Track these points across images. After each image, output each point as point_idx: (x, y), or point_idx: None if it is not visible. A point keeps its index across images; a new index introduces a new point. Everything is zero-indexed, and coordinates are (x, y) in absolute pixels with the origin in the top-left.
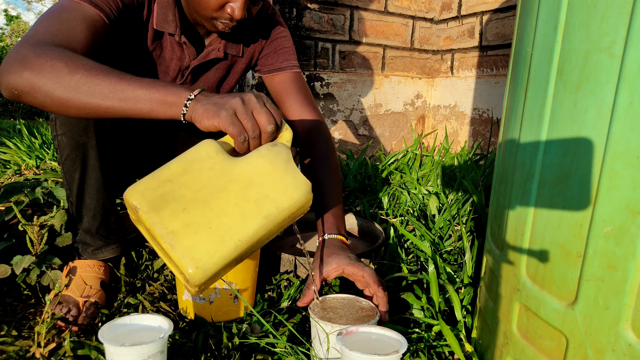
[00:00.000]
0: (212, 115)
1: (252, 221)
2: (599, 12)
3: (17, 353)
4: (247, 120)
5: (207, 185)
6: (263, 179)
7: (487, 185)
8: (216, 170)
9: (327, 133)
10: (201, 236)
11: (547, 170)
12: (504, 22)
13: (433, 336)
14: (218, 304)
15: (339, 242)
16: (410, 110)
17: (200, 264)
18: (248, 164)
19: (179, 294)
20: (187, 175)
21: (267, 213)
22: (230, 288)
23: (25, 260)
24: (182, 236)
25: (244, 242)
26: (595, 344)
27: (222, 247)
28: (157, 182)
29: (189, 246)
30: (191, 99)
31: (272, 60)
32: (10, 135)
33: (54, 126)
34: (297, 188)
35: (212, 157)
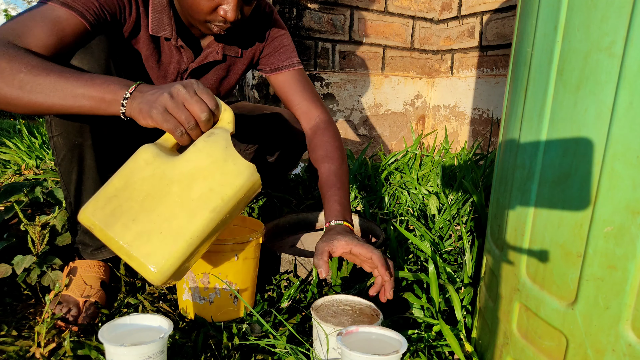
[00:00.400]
0: (146, 115)
1: (200, 217)
2: (599, 12)
3: (17, 353)
4: (179, 113)
5: (150, 193)
6: (203, 173)
7: (487, 185)
8: (156, 175)
9: (334, 126)
10: (154, 243)
11: (547, 170)
12: (504, 22)
13: (433, 336)
14: (218, 304)
15: (345, 227)
16: (410, 110)
17: (157, 268)
18: (187, 161)
19: (179, 294)
20: (130, 187)
21: (213, 206)
22: (230, 288)
23: (26, 261)
24: (137, 246)
25: (195, 239)
26: (595, 344)
27: (175, 248)
28: (103, 200)
29: (145, 254)
30: (127, 97)
31: (273, 59)
32: (10, 135)
33: (50, 127)
34: (239, 174)
35: (150, 164)
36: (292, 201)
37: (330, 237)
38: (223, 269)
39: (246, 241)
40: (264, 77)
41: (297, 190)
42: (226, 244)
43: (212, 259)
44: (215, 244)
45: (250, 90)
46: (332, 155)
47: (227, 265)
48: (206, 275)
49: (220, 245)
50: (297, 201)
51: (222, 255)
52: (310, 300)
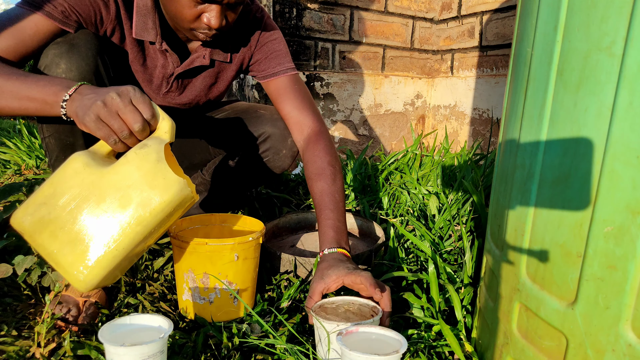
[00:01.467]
0: (80, 121)
1: (127, 230)
2: (599, 12)
3: (17, 353)
4: (112, 122)
5: (78, 203)
6: (132, 186)
7: (487, 185)
8: (85, 185)
9: (326, 137)
10: (79, 252)
11: (547, 170)
12: (504, 22)
13: (433, 336)
14: (218, 304)
15: (338, 255)
16: (410, 110)
17: (81, 277)
18: (116, 173)
19: (179, 294)
20: (58, 195)
21: (140, 219)
22: (229, 289)
23: (27, 261)
24: (63, 255)
25: (121, 250)
26: (595, 344)
27: (100, 259)
28: (33, 206)
29: (70, 262)
30: (66, 99)
31: (264, 66)
32: (10, 135)
33: (41, 129)
34: (168, 189)
35: (79, 173)
36: (292, 201)
37: (322, 273)
38: (223, 269)
39: (246, 241)
40: None
41: (297, 190)
42: (226, 244)
43: (212, 258)
44: (215, 244)
45: (251, 90)
46: (324, 172)
47: (227, 265)
48: (206, 275)
49: (220, 245)
50: (297, 201)
51: (223, 255)
52: None
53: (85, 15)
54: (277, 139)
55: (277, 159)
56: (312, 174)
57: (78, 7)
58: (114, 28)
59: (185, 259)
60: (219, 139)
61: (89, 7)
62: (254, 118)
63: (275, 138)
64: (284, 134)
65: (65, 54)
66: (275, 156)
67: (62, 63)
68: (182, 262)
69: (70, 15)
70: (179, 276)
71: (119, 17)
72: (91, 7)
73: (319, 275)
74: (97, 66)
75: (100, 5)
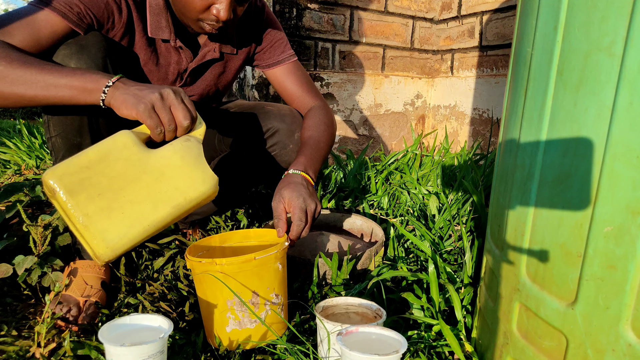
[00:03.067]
0: (131, 106)
1: (162, 210)
2: (599, 12)
3: (17, 353)
4: (164, 114)
5: (122, 174)
6: (174, 171)
7: (487, 185)
8: (131, 160)
9: (327, 110)
10: (113, 220)
11: (547, 170)
12: (504, 22)
13: (433, 336)
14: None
15: (300, 178)
16: (410, 110)
17: (110, 245)
18: (162, 157)
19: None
20: (103, 163)
21: (175, 203)
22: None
23: (27, 261)
24: (96, 219)
25: (152, 227)
26: (595, 344)
27: (131, 230)
28: (75, 167)
29: (102, 229)
30: (109, 85)
31: (269, 54)
32: (10, 135)
33: (48, 128)
34: (205, 182)
35: (128, 148)
36: None
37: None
38: (270, 282)
39: (284, 247)
40: (263, 77)
41: None
42: (271, 254)
43: (260, 273)
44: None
45: (251, 90)
46: (317, 127)
47: (272, 277)
48: (255, 294)
49: (266, 257)
50: None
51: (269, 266)
52: (310, 300)
53: (99, 17)
54: (285, 133)
55: (284, 153)
56: (307, 126)
57: (93, 9)
58: (124, 32)
59: (229, 284)
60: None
61: (103, 11)
62: (261, 114)
63: (282, 133)
64: (291, 129)
65: (75, 54)
66: (282, 151)
67: (71, 63)
68: (225, 288)
69: (85, 17)
70: (218, 307)
71: (131, 21)
72: (105, 10)
73: (278, 194)
74: (105, 67)
75: (114, 9)
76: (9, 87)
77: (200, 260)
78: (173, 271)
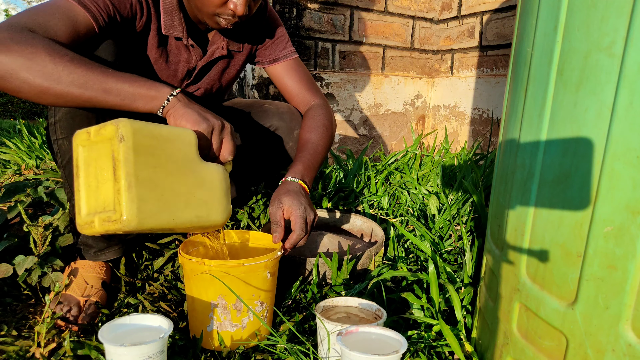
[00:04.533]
0: (193, 121)
1: (188, 212)
2: (599, 12)
3: (17, 353)
4: (216, 142)
5: (177, 162)
6: (211, 188)
7: (487, 185)
8: (188, 157)
9: (327, 109)
10: (152, 195)
11: (547, 170)
12: (504, 22)
13: (433, 336)
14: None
15: (297, 186)
16: (410, 110)
17: (140, 215)
18: (208, 170)
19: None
20: (170, 144)
21: (199, 214)
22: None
23: (27, 261)
24: (141, 186)
25: (173, 223)
26: (595, 344)
27: (161, 215)
28: (148, 131)
29: (142, 197)
30: (174, 95)
31: (270, 50)
32: (10, 135)
33: (54, 130)
34: (224, 211)
35: (191, 146)
36: None
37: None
38: (256, 289)
39: (276, 256)
40: (264, 77)
41: None
42: (260, 262)
43: (247, 279)
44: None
45: (250, 90)
46: (317, 129)
47: (260, 284)
48: (239, 300)
49: (256, 264)
50: None
51: (257, 274)
52: (310, 300)
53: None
54: (284, 131)
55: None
56: (306, 127)
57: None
58: (142, 30)
59: (215, 286)
60: None
61: (128, 10)
62: (259, 112)
63: (282, 131)
64: (290, 127)
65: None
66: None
67: None
68: (210, 289)
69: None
70: (201, 306)
71: (149, 19)
72: (130, 11)
73: (277, 201)
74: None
75: (137, 9)
76: (67, 87)
77: (190, 258)
78: (173, 271)
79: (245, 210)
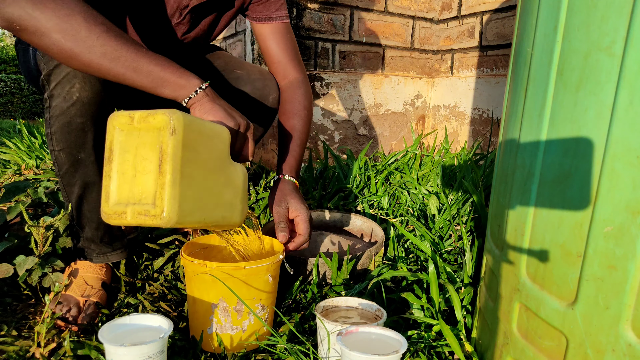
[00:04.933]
0: (221, 116)
1: (218, 212)
2: (599, 12)
3: (17, 353)
4: (241, 140)
5: (214, 160)
6: (236, 188)
7: (487, 185)
8: (222, 156)
9: (307, 86)
10: (191, 194)
11: (547, 170)
12: (504, 22)
13: (433, 336)
14: (250, 331)
15: (294, 186)
16: (410, 110)
17: (181, 213)
18: (235, 170)
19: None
20: (210, 142)
21: (225, 215)
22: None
23: (28, 262)
24: (184, 184)
25: (203, 222)
26: (595, 344)
27: (195, 214)
28: (196, 127)
29: (183, 195)
30: (203, 88)
31: (262, 7)
32: (10, 135)
33: (51, 141)
34: (243, 212)
35: (225, 144)
36: None
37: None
38: (257, 292)
39: (277, 260)
40: None
41: None
42: (262, 265)
43: (248, 282)
44: (253, 266)
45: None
46: (299, 113)
47: (261, 287)
48: (239, 302)
49: (257, 267)
50: None
51: (258, 277)
52: (310, 300)
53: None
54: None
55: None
56: (289, 111)
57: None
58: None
59: (216, 288)
60: None
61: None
62: (232, 79)
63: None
64: (264, 94)
65: None
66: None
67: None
68: (211, 292)
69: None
70: (202, 308)
71: None
72: None
73: (284, 201)
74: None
75: None
76: (97, 57)
77: (192, 260)
78: (173, 271)
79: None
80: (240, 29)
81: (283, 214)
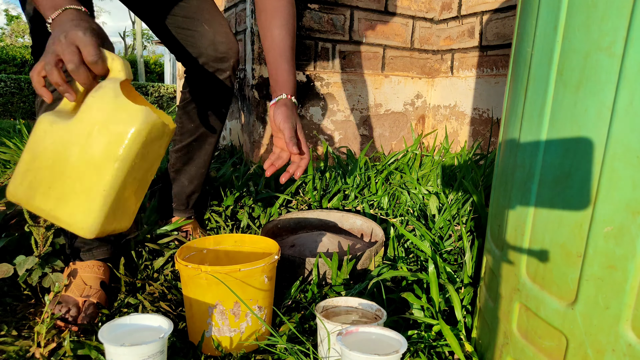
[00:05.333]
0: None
1: (107, 170)
2: (599, 12)
3: (17, 353)
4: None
5: (56, 159)
6: (98, 128)
7: (487, 185)
8: (57, 142)
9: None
10: (72, 203)
11: (547, 170)
12: (504, 22)
13: (433, 336)
14: (248, 333)
15: (294, 104)
16: (410, 110)
17: (84, 225)
18: (80, 120)
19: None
20: (37, 158)
21: (116, 157)
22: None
23: (28, 262)
24: (59, 210)
25: (110, 190)
26: (595, 344)
27: (93, 203)
28: (20, 176)
29: (68, 215)
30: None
31: None
32: (10, 135)
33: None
34: (133, 120)
35: (48, 132)
36: (292, 201)
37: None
38: (253, 294)
39: (273, 260)
40: (264, 77)
41: (298, 190)
42: (257, 267)
43: (245, 284)
44: (248, 268)
45: (251, 90)
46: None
47: (257, 289)
48: (237, 304)
49: (252, 269)
50: (296, 201)
51: (254, 279)
52: (310, 300)
53: None
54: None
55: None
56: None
57: None
58: None
59: (212, 291)
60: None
61: None
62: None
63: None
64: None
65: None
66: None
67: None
68: (207, 295)
69: None
70: (199, 312)
71: None
72: None
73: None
74: None
75: None
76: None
77: (186, 265)
78: (173, 271)
79: (246, 211)
80: (241, 29)
81: (294, 129)
